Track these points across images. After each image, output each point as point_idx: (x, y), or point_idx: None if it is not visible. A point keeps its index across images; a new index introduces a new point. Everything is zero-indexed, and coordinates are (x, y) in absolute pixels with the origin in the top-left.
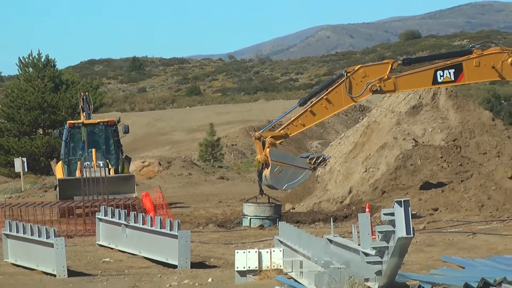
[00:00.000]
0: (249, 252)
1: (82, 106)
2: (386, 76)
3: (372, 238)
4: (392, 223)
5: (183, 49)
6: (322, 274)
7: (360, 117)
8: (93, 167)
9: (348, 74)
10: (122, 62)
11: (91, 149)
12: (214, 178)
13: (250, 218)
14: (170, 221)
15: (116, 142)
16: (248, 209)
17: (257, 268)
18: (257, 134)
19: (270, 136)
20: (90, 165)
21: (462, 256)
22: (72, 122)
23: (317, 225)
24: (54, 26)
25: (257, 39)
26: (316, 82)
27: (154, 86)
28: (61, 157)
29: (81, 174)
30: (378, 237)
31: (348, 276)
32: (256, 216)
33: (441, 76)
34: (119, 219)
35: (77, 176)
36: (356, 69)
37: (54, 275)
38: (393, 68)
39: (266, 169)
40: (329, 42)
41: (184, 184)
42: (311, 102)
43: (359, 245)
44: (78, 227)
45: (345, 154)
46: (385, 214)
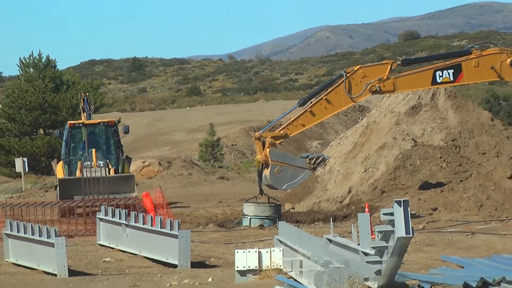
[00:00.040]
0: (249, 251)
1: (82, 107)
2: (386, 76)
3: (371, 238)
4: (391, 223)
5: (183, 49)
6: (321, 273)
7: (359, 117)
8: (93, 167)
9: (347, 75)
10: (123, 62)
11: (91, 149)
12: (214, 178)
13: (250, 218)
14: (170, 221)
15: (116, 142)
16: (248, 209)
17: (257, 267)
18: (257, 134)
19: (270, 136)
20: (90, 165)
21: (461, 255)
22: (72, 122)
23: (316, 224)
24: (54, 27)
25: (257, 40)
26: (315, 83)
27: (155, 86)
28: (61, 157)
29: (81, 174)
30: (378, 236)
31: (347, 275)
32: (256, 216)
33: (440, 76)
34: (120, 219)
35: (77, 176)
36: (355, 69)
37: (55, 275)
38: (392, 68)
39: (266, 169)
40: (328, 43)
41: (184, 184)
42: (311, 103)
43: (359, 244)
44: (78, 227)
45: (344, 154)
46: (384, 214)
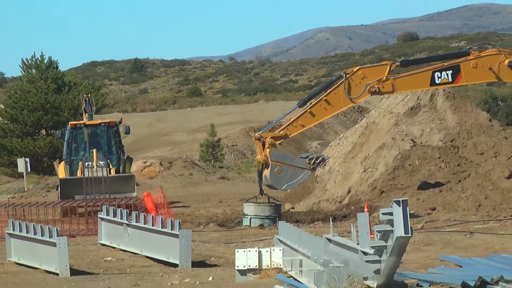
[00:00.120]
0: (249, 251)
1: (84, 107)
2: (385, 77)
3: (370, 237)
4: (390, 223)
5: (184, 51)
6: (321, 272)
7: (358, 118)
8: (94, 167)
9: (347, 76)
10: (124, 63)
11: (93, 149)
12: (214, 178)
13: (250, 218)
14: (171, 220)
15: (117, 143)
16: (248, 208)
17: (257, 267)
18: (257, 134)
19: (270, 136)
20: (91, 165)
21: (460, 255)
22: (74, 123)
23: (316, 224)
24: (56, 28)
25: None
26: (315, 84)
27: (156, 87)
28: (63, 157)
29: (82, 174)
30: (377, 236)
31: (347, 274)
32: (256, 215)
33: (439, 77)
34: (121, 219)
35: (78, 176)
36: (355, 70)
37: (57, 274)
38: (391, 69)
39: (266, 169)
40: (328, 44)
41: (185, 184)
42: (311, 103)
43: (358, 244)
44: (80, 227)
45: (344, 154)
46: (383, 214)
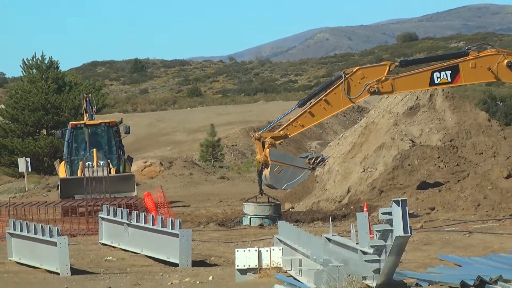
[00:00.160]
0: (249, 250)
1: (85, 107)
2: (384, 77)
3: (370, 237)
4: (389, 222)
5: (184, 51)
6: (321, 272)
7: (358, 118)
8: (94, 167)
9: (346, 76)
10: (124, 64)
11: (93, 149)
12: (214, 178)
13: (250, 217)
14: (171, 220)
15: (117, 143)
16: (248, 208)
17: (257, 266)
18: (257, 134)
19: (270, 136)
20: (92, 164)
21: (459, 254)
22: (74, 123)
23: (316, 224)
24: (57, 29)
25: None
26: (315, 84)
27: (156, 87)
28: (63, 157)
29: (82, 174)
30: (376, 236)
31: (346, 274)
32: (256, 215)
33: (438, 77)
34: (122, 218)
35: (78, 175)
36: (354, 70)
37: (58, 273)
38: (390, 69)
39: (266, 169)
40: (327, 44)
41: (185, 183)
42: (310, 103)
43: (358, 243)
44: (81, 226)
45: (343, 154)
46: (383, 213)
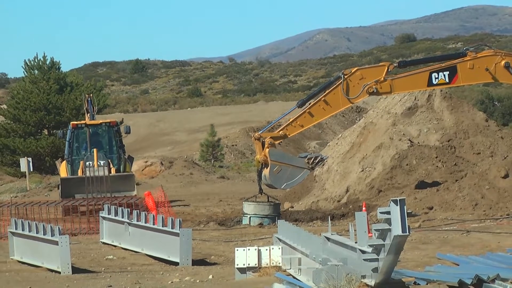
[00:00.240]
0: (248, 249)
1: (86, 108)
2: (383, 78)
3: (368, 236)
4: (388, 222)
5: (185, 52)
6: (320, 271)
7: (357, 118)
8: (94, 167)
9: (345, 76)
10: (125, 64)
11: (93, 149)
12: (214, 177)
13: (250, 217)
14: (171, 219)
15: (118, 142)
16: (248, 207)
17: (256, 265)
18: (256, 134)
19: (270, 136)
20: (92, 164)
21: (457, 253)
22: (75, 123)
23: (315, 223)
24: (58, 30)
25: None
26: (314, 84)
27: (156, 88)
28: (65, 157)
29: (83, 173)
30: (375, 235)
31: (345, 273)
32: (255, 214)
33: (436, 78)
34: (122, 218)
35: (79, 175)
36: (353, 71)
37: (59, 272)
38: (389, 70)
39: (265, 168)
40: (326, 45)
41: (185, 183)
42: (309, 104)
43: (356, 242)
44: (82, 225)
45: (342, 154)
46: (381, 213)
